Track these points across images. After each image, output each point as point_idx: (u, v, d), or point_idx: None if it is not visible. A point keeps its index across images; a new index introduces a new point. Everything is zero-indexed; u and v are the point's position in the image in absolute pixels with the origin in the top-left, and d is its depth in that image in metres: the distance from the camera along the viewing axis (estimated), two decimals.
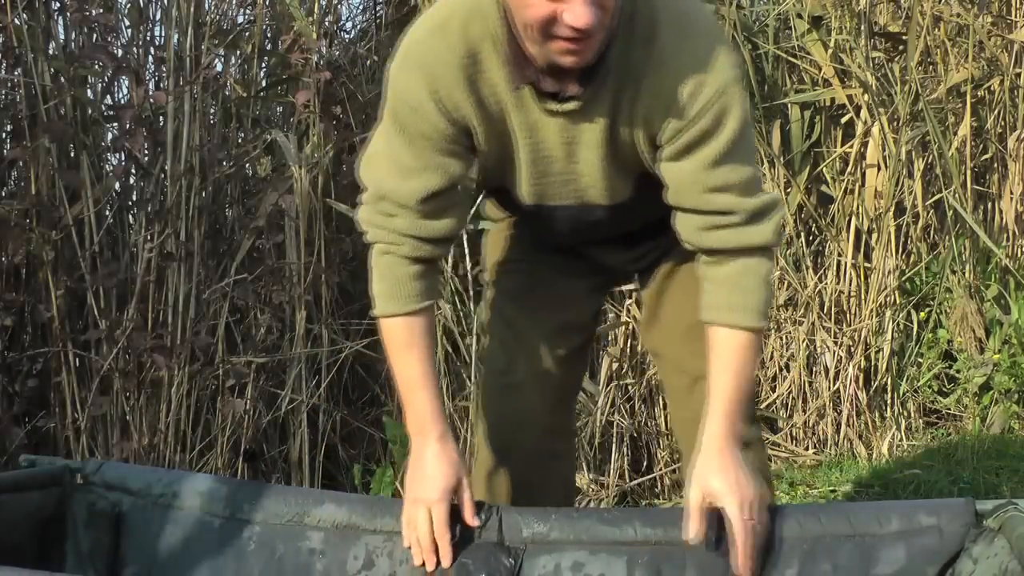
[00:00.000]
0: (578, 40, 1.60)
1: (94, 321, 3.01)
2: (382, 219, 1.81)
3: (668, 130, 1.73)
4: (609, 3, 1.61)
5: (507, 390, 2.08)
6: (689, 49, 1.70)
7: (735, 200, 1.74)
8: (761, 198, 1.77)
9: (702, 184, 1.74)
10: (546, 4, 1.57)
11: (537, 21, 1.60)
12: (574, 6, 1.56)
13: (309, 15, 3.42)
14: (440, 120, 1.75)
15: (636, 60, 1.71)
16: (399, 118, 1.77)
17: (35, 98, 3.01)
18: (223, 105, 3.41)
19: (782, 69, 4.14)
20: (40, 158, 2.99)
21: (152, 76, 3.42)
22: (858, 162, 4.08)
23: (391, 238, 1.81)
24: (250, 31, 3.50)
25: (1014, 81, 4.44)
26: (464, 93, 1.74)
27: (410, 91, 1.75)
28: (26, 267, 3.10)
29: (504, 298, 2.12)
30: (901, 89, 4.01)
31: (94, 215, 3.03)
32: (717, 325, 1.78)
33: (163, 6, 3.32)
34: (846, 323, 4.02)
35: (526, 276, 2.10)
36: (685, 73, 1.69)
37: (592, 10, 1.56)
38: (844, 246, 4.06)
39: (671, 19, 1.71)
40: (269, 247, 3.28)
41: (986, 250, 4.29)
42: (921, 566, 1.68)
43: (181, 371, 3.04)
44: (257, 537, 1.81)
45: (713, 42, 1.74)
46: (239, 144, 3.47)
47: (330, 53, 3.69)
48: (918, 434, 4.07)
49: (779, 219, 1.79)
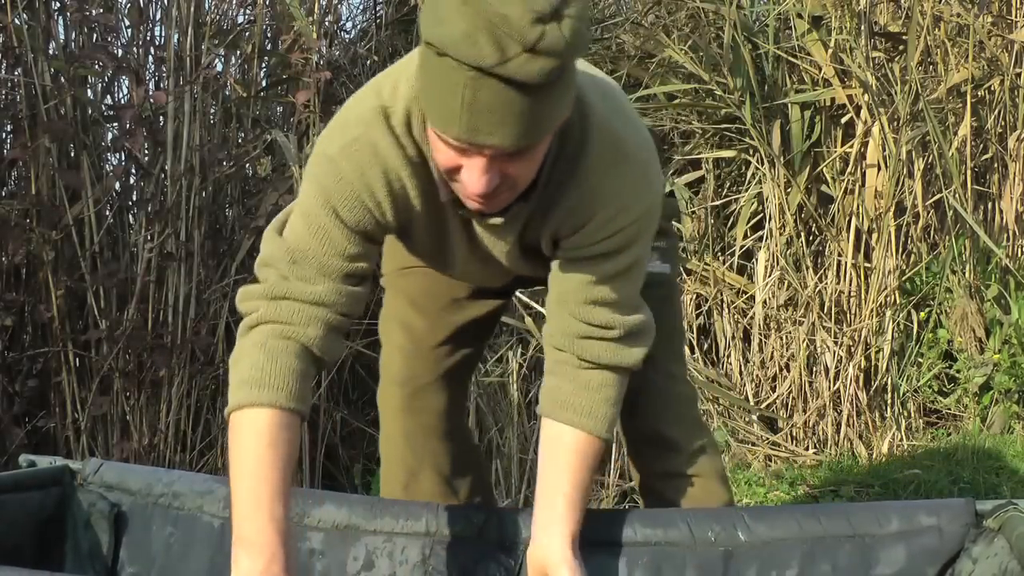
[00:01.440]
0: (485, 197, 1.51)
1: (94, 321, 3.01)
2: (293, 287, 1.62)
3: (573, 241, 1.69)
4: (519, 171, 1.51)
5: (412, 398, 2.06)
6: (613, 175, 1.64)
7: (616, 317, 1.71)
8: (638, 317, 1.73)
9: (588, 295, 1.69)
10: (452, 157, 1.48)
11: (444, 168, 1.52)
12: (472, 171, 1.47)
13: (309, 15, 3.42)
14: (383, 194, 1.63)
15: (559, 174, 1.64)
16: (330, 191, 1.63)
17: (35, 98, 3.00)
18: (223, 105, 3.41)
19: (782, 69, 4.13)
20: (40, 158, 2.99)
21: (152, 76, 3.42)
22: (858, 162, 4.08)
23: (296, 316, 1.61)
24: (250, 31, 3.50)
25: (1014, 81, 4.44)
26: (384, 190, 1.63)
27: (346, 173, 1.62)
28: (26, 267, 3.10)
29: (402, 300, 2.08)
30: (901, 89, 4.01)
31: (94, 215, 3.03)
32: (573, 427, 1.72)
33: (163, 6, 3.31)
34: (846, 323, 4.02)
35: (423, 276, 2.04)
36: (604, 197, 1.64)
37: (487, 179, 1.47)
38: (844, 246, 4.05)
39: (601, 139, 1.63)
40: None
41: (986, 250, 4.29)
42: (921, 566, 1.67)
43: (181, 371, 3.04)
44: None
45: (640, 170, 1.67)
46: (239, 144, 3.47)
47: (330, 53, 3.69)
48: (918, 434, 4.07)
49: (649, 343, 1.76)
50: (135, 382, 3.01)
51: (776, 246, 4.04)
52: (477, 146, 1.44)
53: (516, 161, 1.49)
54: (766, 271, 4.07)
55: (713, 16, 4.19)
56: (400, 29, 3.92)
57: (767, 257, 4.07)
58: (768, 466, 3.78)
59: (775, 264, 4.05)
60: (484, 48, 1.37)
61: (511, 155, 1.47)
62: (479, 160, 1.47)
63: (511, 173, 1.51)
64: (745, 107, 3.94)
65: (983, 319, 4.20)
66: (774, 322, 4.07)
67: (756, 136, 3.96)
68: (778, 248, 4.03)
